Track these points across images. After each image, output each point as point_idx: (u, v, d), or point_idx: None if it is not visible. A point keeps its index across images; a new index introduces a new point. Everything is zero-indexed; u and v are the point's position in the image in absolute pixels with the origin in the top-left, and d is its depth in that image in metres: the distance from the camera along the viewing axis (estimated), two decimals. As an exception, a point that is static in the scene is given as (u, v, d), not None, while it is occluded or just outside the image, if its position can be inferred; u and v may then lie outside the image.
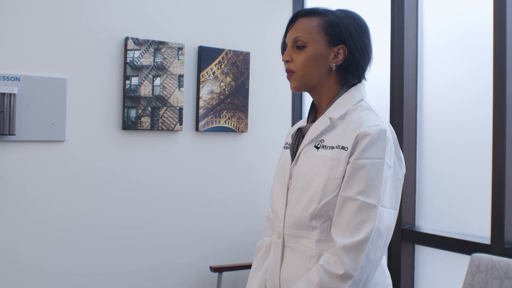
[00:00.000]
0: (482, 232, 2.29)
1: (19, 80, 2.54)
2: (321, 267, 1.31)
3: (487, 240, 2.23)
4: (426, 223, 2.59)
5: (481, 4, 2.35)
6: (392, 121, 2.65)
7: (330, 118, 1.43)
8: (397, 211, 1.39)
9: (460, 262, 2.30)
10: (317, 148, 1.42)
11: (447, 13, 2.55)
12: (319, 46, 1.42)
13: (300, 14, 1.46)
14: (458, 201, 2.44)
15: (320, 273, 1.30)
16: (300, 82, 1.45)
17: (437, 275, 2.52)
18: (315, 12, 1.45)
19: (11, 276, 2.55)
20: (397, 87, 2.64)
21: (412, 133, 2.63)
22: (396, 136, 1.43)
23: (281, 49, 1.54)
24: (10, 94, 2.48)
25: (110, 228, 2.80)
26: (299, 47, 1.43)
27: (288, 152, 1.54)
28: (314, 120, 1.51)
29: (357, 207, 1.30)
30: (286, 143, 1.60)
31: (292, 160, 1.48)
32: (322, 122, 1.45)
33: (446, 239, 2.39)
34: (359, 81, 1.51)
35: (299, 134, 1.51)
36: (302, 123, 1.59)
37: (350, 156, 1.34)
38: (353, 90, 1.47)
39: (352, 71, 1.47)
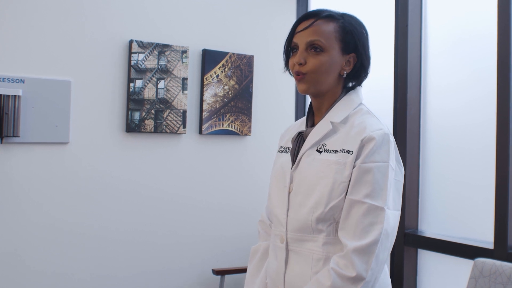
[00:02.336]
0: (485, 236, 2.28)
1: (23, 82, 2.55)
2: (332, 271, 1.32)
3: (490, 245, 2.22)
4: (429, 227, 2.58)
5: (485, 7, 2.35)
6: (395, 125, 2.65)
7: (331, 122, 1.44)
8: (400, 212, 1.41)
9: (463, 266, 2.30)
10: (320, 152, 1.43)
11: (451, 16, 2.55)
12: (335, 52, 1.42)
13: (317, 16, 1.43)
14: (461, 205, 2.43)
15: (332, 276, 1.31)
16: (311, 85, 1.43)
17: (440, 279, 2.51)
18: (331, 17, 1.44)
19: (15, 278, 2.56)
20: (401, 90, 2.64)
21: (415, 136, 2.62)
22: (394, 140, 1.44)
23: (286, 47, 1.50)
24: (15, 96, 2.49)
25: (113, 230, 2.81)
26: (316, 50, 1.41)
27: (285, 156, 1.54)
28: (313, 124, 1.51)
29: (365, 210, 1.32)
30: (281, 147, 1.59)
31: (293, 164, 1.48)
32: (323, 126, 1.45)
33: (449, 244, 2.38)
34: (359, 85, 1.52)
35: (300, 138, 1.51)
36: (299, 126, 1.58)
37: (355, 160, 1.36)
38: (352, 94, 1.48)
39: (358, 78, 1.49)
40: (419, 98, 2.64)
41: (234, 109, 3.13)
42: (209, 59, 3.04)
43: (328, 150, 1.41)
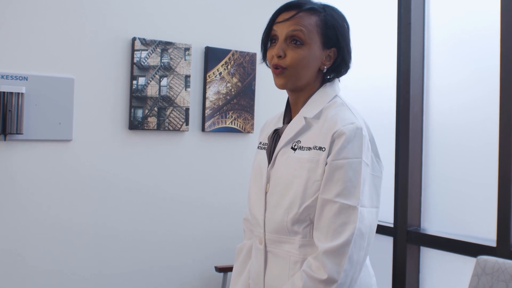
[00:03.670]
0: (488, 234, 2.28)
1: (27, 80, 2.55)
2: (304, 273, 1.28)
3: (493, 243, 2.22)
4: (432, 225, 2.58)
5: (488, 5, 2.35)
6: (398, 123, 2.65)
7: (305, 118, 1.39)
8: (379, 209, 1.36)
9: (466, 264, 2.30)
10: (294, 149, 1.39)
11: (454, 14, 2.54)
12: (315, 47, 1.37)
13: (299, 8, 1.38)
14: (464, 203, 2.43)
15: (304, 278, 1.28)
16: (290, 80, 1.39)
17: (443, 277, 2.51)
18: (313, 10, 1.38)
19: (16, 276, 2.57)
20: (404, 89, 2.64)
21: (418, 135, 2.62)
22: (372, 133, 1.39)
23: (264, 38, 1.45)
24: (18, 93, 2.50)
25: (116, 227, 2.81)
26: (296, 42, 1.36)
27: (263, 154, 1.50)
28: (290, 120, 1.47)
29: (336, 210, 1.27)
30: (260, 143, 1.55)
31: (269, 162, 1.45)
32: (297, 122, 1.41)
33: (452, 241, 2.38)
34: (337, 77, 1.47)
35: (276, 136, 1.47)
36: (276, 122, 1.55)
37: (327, 157, 1.31)
38: (327, 87, 1.43)
39: (338, 72, 1.45)
40: (421, 96, 2.64)
41: (237, 107, 3.13)
42: (212, 56, 3.04)
43: (302, 147, 1.37)
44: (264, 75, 3.25)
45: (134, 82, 2.82)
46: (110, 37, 2.79)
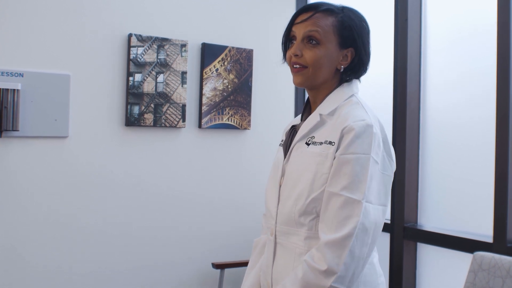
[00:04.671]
0: (484, 230, 2.29)
1: (22, 76, 2.54)
2: (305, 263, 1.31)
3: (489, 239, 2.23)
4: (429, 221, 2.59)
5: (485, 2, 2.35)
6: (395, 120, 2.65)
7: (320, 115, 1.44)
8: (386, 207, 1.38)
9: (462, 260, 2.30)
10: (308, 144, 1.43)
11: (451, 11, 2.54)
12: (332, 46, 1.42)
13: (316, 9, 1.43)
14: (460, 200, 2.44)
15: (304, 268, 1.30)
16: (307, 78, 1.44)
17: (439, 273, 2.52)
18: (331, 11, 1.43)
19: (13, 273, 2.56)
20: (400, 86, 2.64)
21: (415, 132, 2.62)
22: (385, 133, 1.42)
23: (284, 39, 1.51)
24: (14, 90, 2.49)
25: (112, 224, 2.81)
26: (312, 42, 1.42)
27: (281, 149, 1.56)
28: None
29: (341, 203, 1.30)
30: (282, 140, 1.61)
31: (285, 157, 1.50)
32: (312, 118, 1.46)
33: (449, 237, 2.39)
34: (356, 78, 1.51)
35: (293, 131, 1.52)
36: (296, 120, 1.60)
37: (336, 151, 1.35)
38: (344, 86, 1.47)
39: (356, 72, 1.49)
40: (418, 93, 2.64)
41: (234, 103, 3.13)
42: (209, 52, 3.04)
43: (315, 142, 1.42)
44: (261, 71, 3.25)
45: (131, 78, 2.81)
46: (106, 34, 2.78)
